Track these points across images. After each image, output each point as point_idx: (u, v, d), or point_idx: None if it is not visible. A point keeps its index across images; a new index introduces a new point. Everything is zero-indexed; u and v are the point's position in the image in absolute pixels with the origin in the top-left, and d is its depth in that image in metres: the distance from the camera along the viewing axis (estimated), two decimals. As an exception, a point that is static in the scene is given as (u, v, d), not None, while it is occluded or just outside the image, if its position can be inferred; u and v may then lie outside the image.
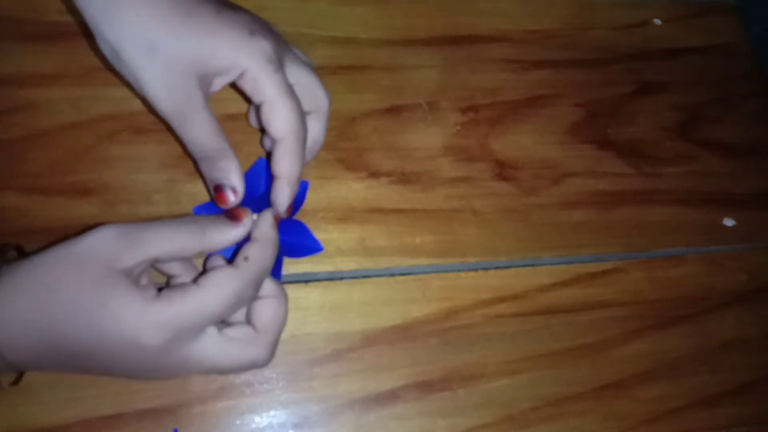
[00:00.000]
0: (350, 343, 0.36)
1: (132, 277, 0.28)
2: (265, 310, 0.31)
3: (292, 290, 0.37)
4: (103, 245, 0.27)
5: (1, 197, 0.35)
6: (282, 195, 0.33)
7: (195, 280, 0.28)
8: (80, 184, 0.36)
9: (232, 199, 0.32)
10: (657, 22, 0.49)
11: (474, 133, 0.42)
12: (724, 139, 0.47)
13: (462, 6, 0.45)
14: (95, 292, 0.26)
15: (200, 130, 0.31)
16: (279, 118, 0.31)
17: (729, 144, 0.47)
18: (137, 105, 0.37)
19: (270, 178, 0.35)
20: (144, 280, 0.30)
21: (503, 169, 0.42)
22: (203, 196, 0.37)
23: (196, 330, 0.28)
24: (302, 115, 0.32)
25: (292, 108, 0.31)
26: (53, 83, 0.37)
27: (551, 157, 0.43)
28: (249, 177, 0.36)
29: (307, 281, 0.37)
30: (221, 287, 0.28)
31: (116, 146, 0.37)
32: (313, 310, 0.37)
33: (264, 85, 0.31)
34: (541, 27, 0.46)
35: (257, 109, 0.32)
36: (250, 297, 0.30)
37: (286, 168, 0.32)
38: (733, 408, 0.41)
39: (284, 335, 0.35)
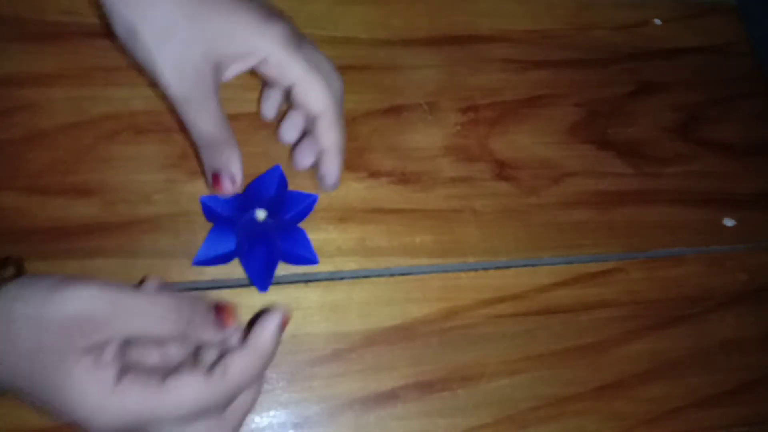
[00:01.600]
0: (350, 343, 0.36)
1: (97, 350, 0.26)
2: (239, 398, 0.28)
3: (292, 290, 0.37)
4: (83, 319, 0.25)
5: (1, 197, 0.35)
6: (333, 166, 0.34)
7: (164, 376, 0.26)
8: (80, 184, 0.36)
9: (229, 187, 0.32)
10: (657, 22, 0.49)
11: (474, 133, 0.42)
12: (724, 139, 0.47)
13: (462, 6, 0.45)
14: (58, 370, 0.25)
15: (207, 119, 0.30)
16: (316, 94, 0.32)
17: (729, 144, 0.47)
18: (137, 105, 0.38)
19: (283, 184, 0.36)
20: (109, 355, 0.26)
21: (503, 169, 0.42)
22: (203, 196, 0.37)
23: (150, 427, 0.26)
24: (333, 87, 0.32)
25: (324, 82, 0.32)
26: (53, 83, 0.37)
27: (551, 157, 0.43)
28: (262, 180, 0.36)
29: (307, 281, 0.37)
30: (185, 397, 0.26)
31: (116, 146, 0.37)
32: (313, 310, 0.37)
33: (291, 66, 0.31)
34: (541, 27, 0.46)
35: (287, 92, 0.32)
36: (219, 409, 0.27)
37: (332, 139, 0.33)
38: (733, 408, 0.41)
39: (284, 335, 0.35)
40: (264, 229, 0.35)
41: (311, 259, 0.36)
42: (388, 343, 0.37)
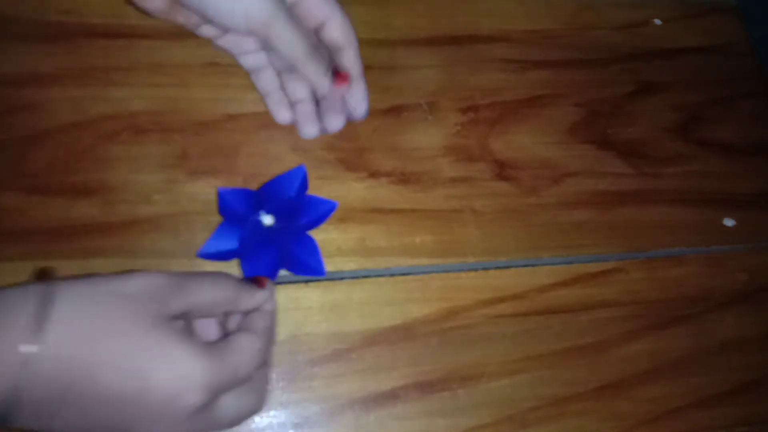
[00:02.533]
0: (350, 343, 0.36)
1: (171, 321, 0.27)
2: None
3: (292, 290, 0.37)
4: (154, 290, 0.27)
5: (1, 197, 0.35)
6: (362, 93, 0.37)
7: (224, 340, 0.28)
8: (80, 184, 0.36)
9: (347, 81, 0.36)
10: (657, 22, 0.49)
11: (474, 133, 0.42)
12: (724, 139, 0.47)
13: (462, 6, 0.45)
14: (145, 337, 0.25)
15: (301, 28, 0.33)
16: (342, 28, 0.36)
17: (729, 144, 0.47)
18: (137, 105, 0.38)
19: (304, 184, 0.36)
20: (180, 324, 0.28)
21: (503, 169, 0.42)
22: (203, 196, 0.37)
23: (226, 391, 0.28)
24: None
25: (346, 17, 0.36)
26: (53, 83, 0.37)
27: (551, 157, 0.43)
28: (282, 179, 0.36)
29: (307, 281, 0.37)
30: (250, 353, 0.28)
31: (116, 146, 0.37)
32: (313, 310, 0.37)
33: (321, 5, 0.35)
34: (541, 27, 0.46)
35: (318, 30, 0.36)
36: (264, 363, 0.31)
37: (359, 67, 0.37)
38: (733, 408, 0.41)
39: (284, 335, 0.36)
40: (271, 234, 0.35)
41: (318, 270, 0.36)
42: (388, 343, 0.37)
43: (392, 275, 0.38)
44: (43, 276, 0.30)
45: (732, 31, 0.51)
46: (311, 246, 0.36)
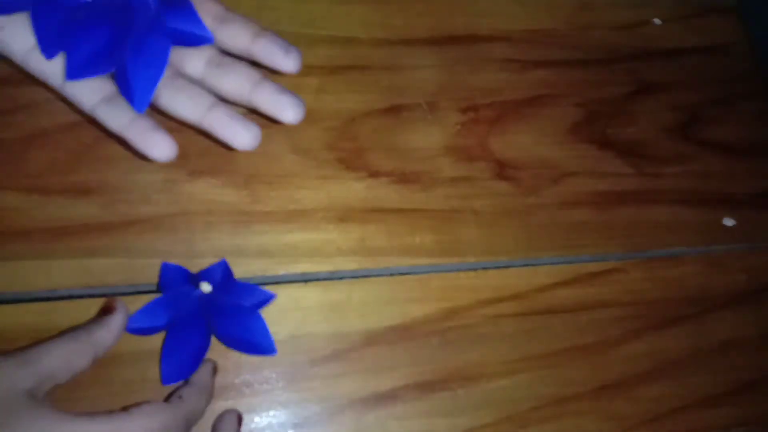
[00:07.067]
0: (350, 343, 0.36)
1: (39, 398, 0.26)
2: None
3: (292, 290, 0.37)
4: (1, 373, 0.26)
5: (1, 197, 0.35)
6: (272, 43, 0.30)
7: (124, 408, 0.27)
8: (80, 184, 0.36)
9: None
10: (657, 22, 0.49)
11: (474, 133, 0.42)
12: (724, 139, 0.47)
13: (462, 6, 0.45)
14: (7, 416, 0.25)
15: None
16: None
17: (729, 144, 0.47)
18: (137, 105, 0.37)
19: (227, 274, 0.34)
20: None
21: (503, 169, 0.42)
22: (203, 196, 0.37)
23: None
24: None
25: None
26: (53, 83, 0.37)
27: (551, 157, 0.43)
28: (206, 272, 0.34)
29: (307, 281, 0.37)
30: (149, 417, 0.27)
31: (116, 146, 0.37)
32: (313, 310, 0.37)
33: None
34: (541, 27, 0.46)
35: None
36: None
37: (251, 25, 0.31)
38: (733, 408, 0.41)
39: (284, 335, 0.36)
40: (207, 307, 0.33)
41: (268, 348, 0.33)
42: (388, 343, 0.37)
43: (392, 275, 0.38)
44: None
45: (732, 31, 0.51)
46: (255, 323, 0.33)
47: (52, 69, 0.29)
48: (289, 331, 0.36)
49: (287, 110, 0.29)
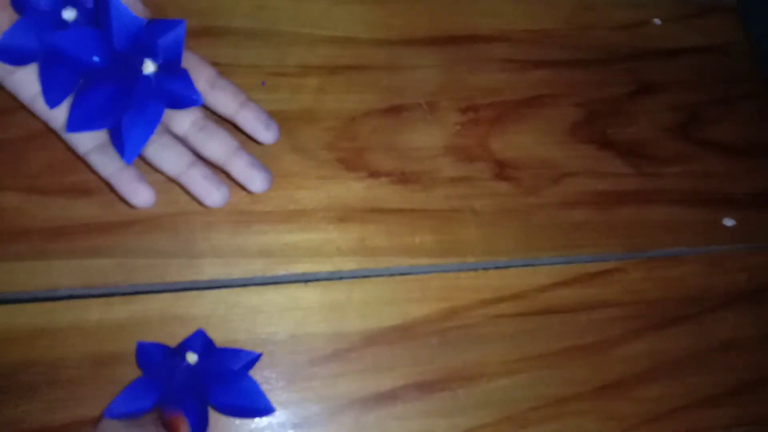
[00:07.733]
0: (350, 343, 0.36)
1: None
2: None
3: (292, 290, 0.37)
4: None
5: (1, 197, 0.35)
6: (254, 115, 0.34)
7: None
8: (80, 184, 0.36)
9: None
10: (657, 22, 0.49)
11: (474, 133, 0.42)
12: (724, 139, 0.47)
13: (462, 6, 0.45)
14: None
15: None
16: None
17: (729, 144, 0.47)
18: (137, 105, 0.37)
19: (209, 346, 0.33)
20: None
21: (503, 169, 0.42)
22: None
23: None
24: None
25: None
26: (53, 83, 0.37)
27: (551, 157, 0.43)
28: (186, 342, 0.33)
29: (307, 281, 0.37)
30: None
31: (116, 146, 0.37)
32: (313, 310, 0.37)
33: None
34: (541, 27, 0.46)
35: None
36: None
37: (239, 95, 0.34)
38: (733, 408, 0.41)
39: (284, 335, 0.36)
40: (196, 380, 0.32)
41: (265, 409, 0.33)
42: (388, 343, 0.37)
43: (392, 275, 0.38)
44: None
45: (732, 31, 0.51)
46: (248, 386, 0.33)
47: (55, 114, 0.32)
48: (289, 331, 0.36)
49: (255, 182, 0.34)
